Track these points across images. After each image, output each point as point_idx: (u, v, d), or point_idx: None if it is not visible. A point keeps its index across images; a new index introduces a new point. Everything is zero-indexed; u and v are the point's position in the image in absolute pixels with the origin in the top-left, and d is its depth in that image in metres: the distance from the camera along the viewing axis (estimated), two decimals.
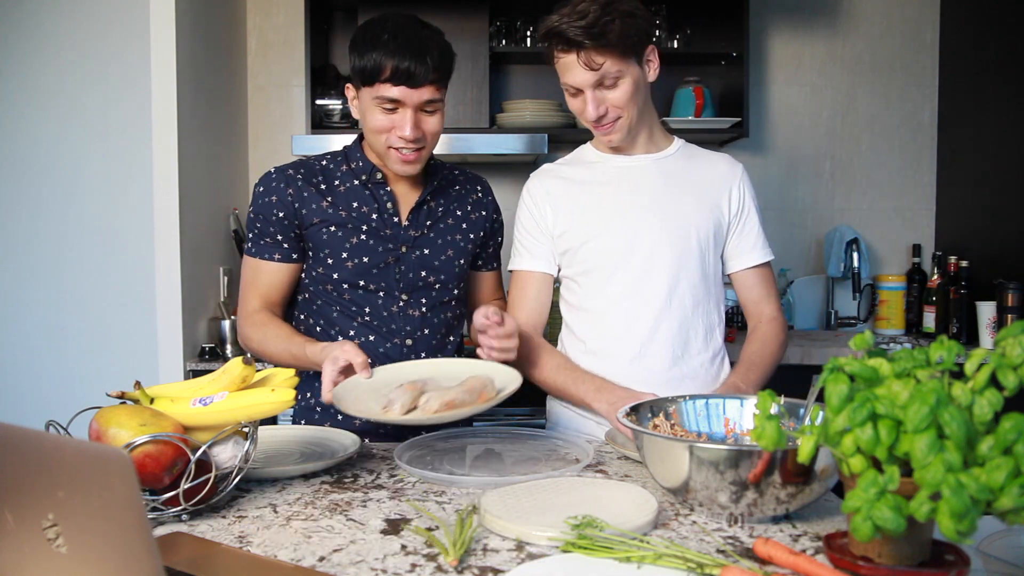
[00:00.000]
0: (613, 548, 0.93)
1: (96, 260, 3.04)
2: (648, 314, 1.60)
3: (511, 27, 3.16)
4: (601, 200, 1.63)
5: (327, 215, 1.58)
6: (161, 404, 1.15)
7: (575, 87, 1.54)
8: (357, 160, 1.62)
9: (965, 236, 3.19)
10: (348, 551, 1.00)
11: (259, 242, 1.61)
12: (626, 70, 1.52)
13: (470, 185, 1.74)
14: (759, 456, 1.00)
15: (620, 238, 1.61)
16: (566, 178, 1.68)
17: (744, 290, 1.71)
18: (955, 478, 0.76)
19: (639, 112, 1.58)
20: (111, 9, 3.01)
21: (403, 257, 1.61)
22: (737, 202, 1.67)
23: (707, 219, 1.63)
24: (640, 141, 1.65)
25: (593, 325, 1.64)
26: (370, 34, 1.50)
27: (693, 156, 1.70)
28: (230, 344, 2.83)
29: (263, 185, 1.62)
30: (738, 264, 1.69)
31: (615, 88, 1.53)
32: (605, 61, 1.49)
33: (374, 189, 1.61)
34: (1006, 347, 0.80)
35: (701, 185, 1.65)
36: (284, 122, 3.31)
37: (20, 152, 3.03)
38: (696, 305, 1.62)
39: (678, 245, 1.60)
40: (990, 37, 3.05)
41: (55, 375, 3.05)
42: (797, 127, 3.38)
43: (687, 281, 1.61)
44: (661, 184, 1.63)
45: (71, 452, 0.68)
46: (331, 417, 1.61)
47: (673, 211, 1.61)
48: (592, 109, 1.54)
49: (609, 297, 1.62)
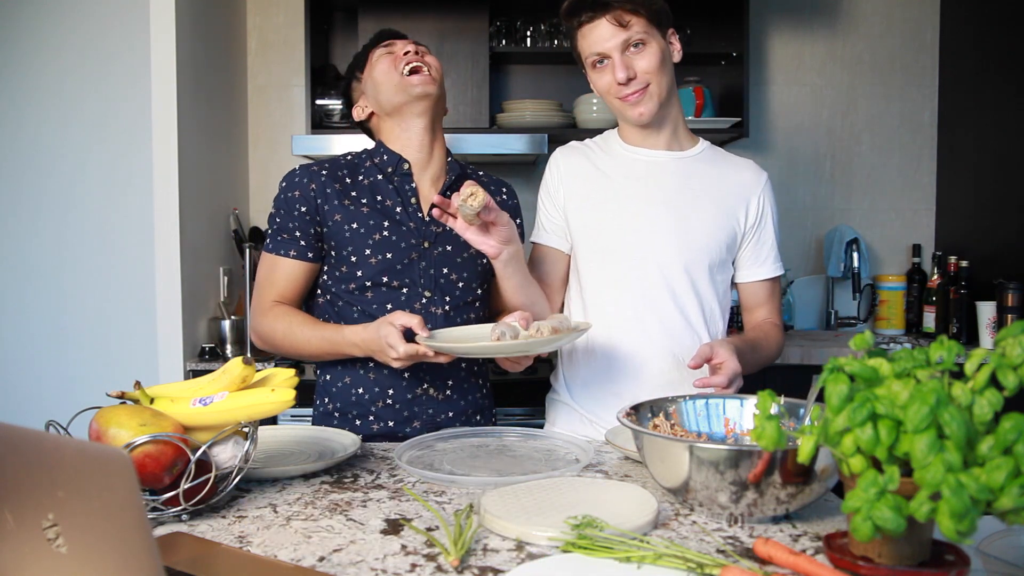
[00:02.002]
0: (613, 548, 0.93)
1: (96, 260, 3.04)
2: (649, 315, 1.59)
3: (511, 27, 3.16)
4: (616, 191, 1.63)
5: (349, 212, 1.58)
6: (161, 404, 1.15)
7: (602, 53, 1.54)
8: (382, 154, 1.64)
9: (965, 236, 3.19)
10: (348, 551, 1.00)
11: (277, 238, 1.61)
12: (653, 37, 1.54)
13: (494, 187, 1.76)
14: (759, 456, 1.00)
15: (629, 232, 1.60)
16: (590, 159, 1.68)
17: (747, 297, 1.71)
18: (955, 478, 0.76)
19: (667, 91, 1.58)
20: (111, 9, 3.01)
21: (425, 253, 1.61)
22: (756, 213, 1.64)
23: (722, 226, 1.61)
24: (663, 136, 1.64)
25: (591, 314, 1.63)
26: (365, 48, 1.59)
27: (717, 160, 1.67)
28: (230, 344, 2.83)
29: (286, 181, 1.62)
30: (747, 275, 1.68)
31: (643, 52, 1.53)
32: (632, 20, 1.51)
33: (399, 184, 1.62)
34: (1006, 347, 0.80)
35: (721, 191, 1.63)
36: (284, 122, 3.32)
37: (20, 152, 3.03)
38: (700, 309, 1.61)
39: (687, 248, 1.59)
40: (990, 37, 3.05)
41: (55, 375, 3.05)
42: (797, 127, 3.38)
43: (692, 286, 1.60)
44: (679, 185, 1.62)
45: (71, 452, 0.68)
46: (349, 423, 1.62)
47: (687, 213, 1.60)
48: (621, 72, 1.53)
49: (609, 290, 1.61)
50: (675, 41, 1.60)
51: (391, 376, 1.59)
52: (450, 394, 1.64)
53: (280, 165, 3.31)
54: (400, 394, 1.60)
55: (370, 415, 1.60)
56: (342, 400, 1.62)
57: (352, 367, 1.61)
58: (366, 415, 1.61)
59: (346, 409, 1.61)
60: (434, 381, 1.62)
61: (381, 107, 1.64)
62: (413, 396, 1.60)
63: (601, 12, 1.52)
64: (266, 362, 2.61)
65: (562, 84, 3.29)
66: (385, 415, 1.60)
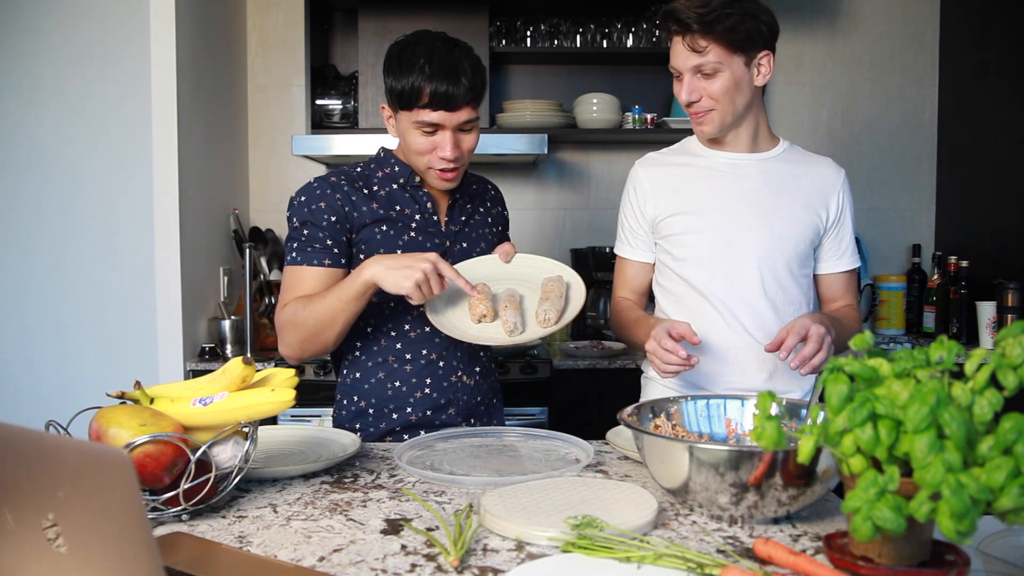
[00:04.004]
0: (613, 548, 0.93)
1: (96, 260, 3.04)
2: (741, 309, 1.62)
3: (511, 27, 3.16)
4: (702, 194, 1.66)
5: (377, 215, 1.60)
6: (161, 404, 1.15)
7: (676, 69, 1.59)
8: (392, 165, 1.65)
9: (965, 236, 3.19)
10: (348, 551, 1.00)
11: (306, 249, 1.58)
12: (728, 64, 1.55)
13: (481, 184, 1.80)
14: (760, 458, 1.00)
15: (718, 233, 1.63)
16: (672, 165, 1.72)
17: (826, 289, 1.76)
18: (955, 478, 0.75)
19: (737, 111, 1.61)
20: (111, 10, 3.01)
21: (448, 251, 1.66)
22: (836, 209, 1.69)
23: (805, 224, 1.65)
24: (742, 139, 1.67)
25: (683, 314, 1.66)
26: (405, 58, 1.52)
27: (798, 159, 1.72)
28: (230, 344, 2.83)
29: (306, 194, 1.60)
30: (827, 268, 1.73)
31: (713, 79, 1.56)
32: (708, 47, 1.53)
33: (412, 192, 1.65)
34: (1006, 347, 0.80)
35: (802, 189, 1.67)
36: (284, 122, 3.32)
37: (21, 152, 3.03)
38: (787, 301, 1.65)
39: (774, 245, 1.63)
40: (990, 37, 3.05)
41: (56, 375, 3.05)
42: (797, 127, 3.38)
43: (780, 280, 1.64)
44: (762, 185, 1.65)
45: (71, 452, 0.68)
46: (385, 417, 1.63)
47: (772, 212, 1.64)
48: (685, 93, 1.58)
49: (701, 289, 1.64)
50: (765, 63, 1.60)
51: (427, 367, 1.63)
52: (479, 379, 1.70)
53: (280, 165, 3.31)
54: (437, 383, 1.63)
55: (407, 407, 1.63)
56: (376, 396, 1.63)
57: (385, 363, 1.63)
58: (403, 407, 1.63)
59: (381, 404, 1.63)
60: (465, 368, 1.67)
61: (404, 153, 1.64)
62: (448, 384, 1.64)
63: (682, 31, 1.55)
64: (266, 363, 2.61)
65: (562, 84, 3.29)
66: (423, 404, 1.63)
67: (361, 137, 2.84)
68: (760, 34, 1.57)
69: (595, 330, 3.12)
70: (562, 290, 1.54)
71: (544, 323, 1.48)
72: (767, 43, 1.59)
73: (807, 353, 1.45)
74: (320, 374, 2.61)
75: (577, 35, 3.17)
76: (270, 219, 3.27)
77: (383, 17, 3.02)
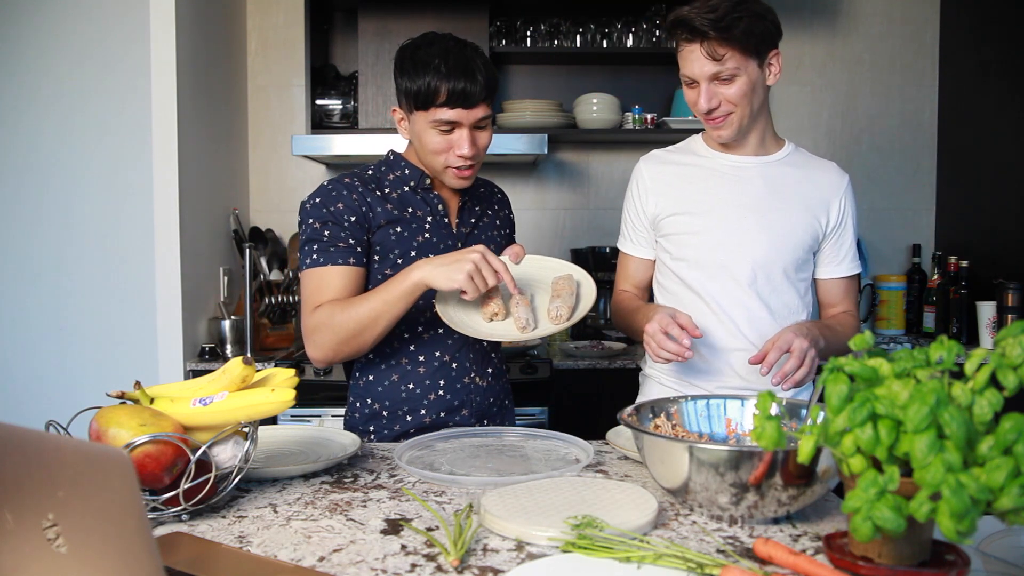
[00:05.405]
0: (613, 548, 0.93)
1: (97, 260, 3.04)
2: (737, 312, 1.62)
3: (511, 27, 3.16)
4: (702, 195, 1.66)
5: (392, 216, 1.61)
6: (161, 404, 1.15)
7: (692, 78, 1.58)
8: (403, 168, 1.66)
9: (965, 236, 3.19)
10: (348, 551, 1.00)
11: (328, 249, 1.56)
12: (745, 68, 1.55)
13: (488, 187, 1.82)
14: (760, 458, 1.00)
15: (715, 235, 1.63)
16: (675, 164, 1.72)
17: (825, 294, 1.75)
18: (955, 478, 0.75)
19: (753, 113, 1.61)
20: (111, 10, 3.01)
21: None
22: (837, 215, 1.68)
23: (804, 228, 1.65)
24: (750, 143, 1.68)
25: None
26: (419, 59, 1.52)
27: (801, 163, 1.71)
28: (230, 344, 2.83)
29: (321, 196, 1.59)
30: (827, 273, 1.73)
31: (731, 84, 1.56)
32: (727, 54, 1.52)
33: (424, 194, 1.65)
34: (1006, 347, 0.80)
35: (805, 193, 1.67)
36: (284, 122, 3.32)
37: (21, 152, 3.03)
38: (783, 304, 1.65)
39: (773, 248, 1.63)
40: (990, 37, 3.05)
41: (56, 375, 3.05)
42: (797, 127, 3.38)
43: (776, 284, 1.64)
44: (763, 188, 1.66)
45: (71, 452, 0.68)
46: (399, 419, 1.64)
47: (771, 216, 1.64)
48: (704, 101, 1.57)
49: (697, 289, 1.65)
50: (775, 62, 1.61)
51: (441, 369, 1.63)
52: (491, 380, 1.71)
53: (280, 165, 3.31)
54: (450, 384, 1.64)
55: (421, 408, 1.63)
56: (390, 399, 1.63)
57: (399, 365, 1.63)
58: (417, 409, 1.63)
59: (395, 407, 1.63)
60: (478, 369, 1.68)
61: (417, 154, 1.64)
62: (462, 385, 1.65)
63: (697, 39, 1.53)
64: (266, 363, 2.61)
65: (562, 84, 3.29)
66: (437, 406, 1.64)
67: (361, 137, 2.84)
68: (768, 34, 1.57)
69: (595, 330, 3.12)
70: (573, 288, 1.55)
71: (556, 319, 1.49)
72: (774, 41, 1.60)
73: (788, 368, 1.44)
74: (320, 374, 2.61)
75: (577, 35, 3.17)
76: (270, 219, 3.28)
77: (383, 17, 3.02)
